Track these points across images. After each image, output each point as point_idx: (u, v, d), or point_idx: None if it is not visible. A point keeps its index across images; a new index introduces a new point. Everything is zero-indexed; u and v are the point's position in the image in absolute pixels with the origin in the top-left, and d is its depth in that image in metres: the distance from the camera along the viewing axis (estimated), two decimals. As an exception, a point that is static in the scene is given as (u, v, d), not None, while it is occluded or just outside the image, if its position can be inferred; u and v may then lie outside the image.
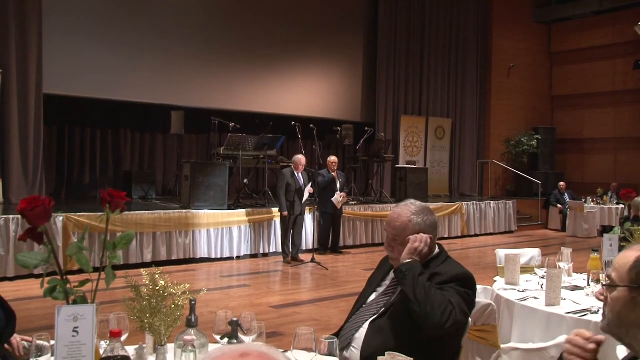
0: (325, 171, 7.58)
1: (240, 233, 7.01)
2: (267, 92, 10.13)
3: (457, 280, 1.66)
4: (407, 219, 1.73)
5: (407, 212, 1.74)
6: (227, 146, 7.64)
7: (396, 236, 1.73)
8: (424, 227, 1.73)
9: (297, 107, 10.38)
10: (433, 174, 11.81)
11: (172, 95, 9.06)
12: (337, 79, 11.24)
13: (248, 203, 7.72)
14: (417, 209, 1.76)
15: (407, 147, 11.82)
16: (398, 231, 1.71)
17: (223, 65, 9.65)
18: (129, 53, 8.64)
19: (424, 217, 1.74)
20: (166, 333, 1.46)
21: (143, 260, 6.14)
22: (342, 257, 7.45)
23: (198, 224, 6.61)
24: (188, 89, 9.24)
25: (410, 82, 11.94)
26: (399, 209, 1.77)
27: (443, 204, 9.55)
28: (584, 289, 2.59)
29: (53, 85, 7.70)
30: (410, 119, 11.91)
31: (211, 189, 6.91)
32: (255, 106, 9.94)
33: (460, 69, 12.61)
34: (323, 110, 10.86)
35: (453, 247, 8.73)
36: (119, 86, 8.54)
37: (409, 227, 1.71)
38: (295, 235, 6.94)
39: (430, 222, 1.75)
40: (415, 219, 1.73)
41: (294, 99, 10.47)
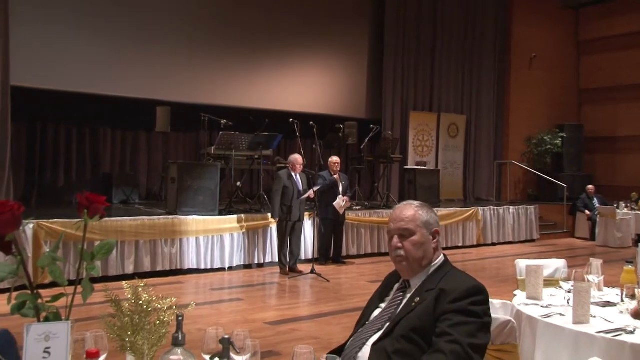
0: (326, 173, 7.59)
1: (233, 241, 7.01)
2: (263, 86, 10.16)
3: (470, 295, 1.67)
4: (414, 211, 1.82)
5: (412, 207, 1.84)
6: (218, 145, 7.65)
7: (405, 230, 1.79)
8: (431, 220, 1.83)
9: (296, 103, 10.40)
10: (445, 176, 11.82)
11: (157, 89, 9.07)
12: (340, 71, 11.27)
13: (241, 208, 7.73)
14: (419, 204, 1.86)
15: (417, 147, 11.83)
16: (406, 222, 1.79)
17: (214, 57, 9.67)
18: (109, 42, 8.66)
19: (428, 211, 1.84)
20: (150, 353, 1.45)
21: (124, 271, 6.14)
22: (345, 268, 7.45)
23: (186, 231, 6.62)
24: (175, 82, 9.26)
25: (420, 74, 11.96)
26: (401, 206, 1.87)
27: (457, 210, 9.55)
28: (617, 306, 2.56)
29: (22, 77, 7.69)
30: (420, 115, 11.92)
31: (200, 193, 6.92)
32: (250, 102, 9.96)
33: (476, 60, 12.62)
34: (324, 106, 10.88)
35: (468, 258, 8.71)
36: (97, 79, 8.56)
37: (417, 218, 1.81)
38: (293, 244, 6.94)
39: (435, 217, 1.85)
40: (421, 211, 1.83)
41: (292, 93, 10.49)
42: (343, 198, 7.41)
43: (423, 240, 1.78)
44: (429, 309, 1.68)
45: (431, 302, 1.69)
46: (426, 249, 1.78)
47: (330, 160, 7.64)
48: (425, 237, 1.79)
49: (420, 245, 1.77)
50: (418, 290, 1.78)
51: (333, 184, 7.44)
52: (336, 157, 7.76)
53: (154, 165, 9.60)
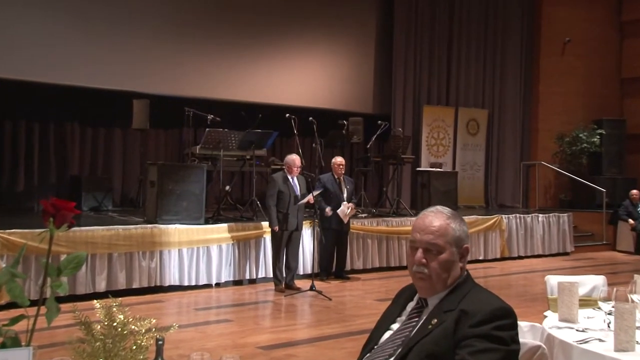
0: (328, 176, 7.61)
1: (221, 254, 7.02)
2: (256, 76, 10.19)
3: (495, 318, 1.66)
4: (445, 223, 1.79)
5: (442, 216, 1.81)
6: (204, 144, 7.67)
7: (432, 245, 1.77)
8: (463, 235, 1.81)
9: (293, 96, 10.43)
10: (464, 179, 11.83)
11: (134, 80, 9.10)
12: (343, 60, 11.30)
13: (231, 216, 7.74)
14: (451, 213, 1.83)
15: (431, 146, 11.85)
16: (436, 237, 1.76)
17: (200, 43, 9.70)
18: (76, 24, 8.68)
19: (460, 223, 1.82)
20: (125, 383, 1.45)
21: (95, 289, 6.14)
22: (350, 285, 7.45)
23: (167, 242, 6.62)
24: (155, 71, 9.29)
25: (435, 63, 12.00)
26: (430, 213, 1.82)
27: (477, 218, 9.57)
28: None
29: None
30: (435, 110, 11.94)
31: (184, 199, 6.94)
32: (240, 94, 9.99)
33: (500, 46, 12.66)
34: (325, 99, 10.91)
35: (491, 273, 8.70)
36: (63, 67, 8.57)
37: (448, 233, 1.78)
38: (290, 257, 6.95)
39: (466, 231, 1.83)
40: (453, 224, 1.79)
41: (288, 85, 10.53)
42: (347, 204, 7.41)
43: (452, 260, 1.77)
44: (448, 333, 1.67)
45: (450, 325, 1.68)
46: (453, 269, 1.78)
47: (333, 161, 7.65)
48: (454, 256, 1.78)
49: (448, 264, 1.77)
50: (436, 311, 1.77)
51: (336, 188, 7.45)
52: (340, 157, 7.78)
53: (130, 166, 9.62)
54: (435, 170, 10.03)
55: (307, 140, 10.18)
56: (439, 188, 9.56)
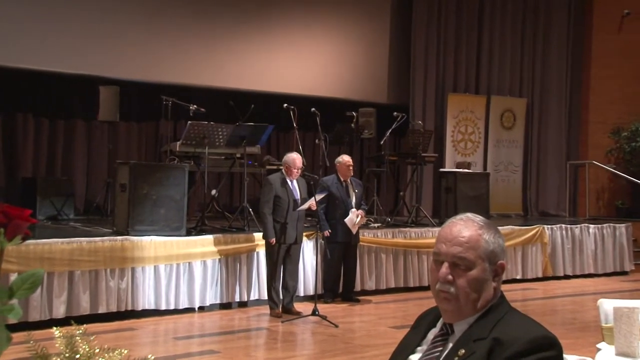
0: (332, 178, 7.59)
1: (206, 271, 7.01)
2: (247, 59, 10.19)
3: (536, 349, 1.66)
4: (477, 234, 1.77)
5: (473, 225, 1.80)
6: (185, 140, 7.67)
7: (461, 258, 1.76)
8: (497, 249, 1.79)
9: (292, 83, 10.44)
10: (498, 182, 11.79)
11: (100, 63, 9.10)
12: (353, 40, 11.31)
13: (217, 226, 7.73)
14: (483, 222, 1.81)
15: (458, 142, 11.83)
16: (465, 249, 1.76)
17: (180, 18, 9.71)
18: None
19: (494, 234, 1.79)
20: None
21: (52, 315, 6.10)
22: (360, 309, 7.42)
23: (140, 258, 6.60)
24: (126, 53, 9.29)
25: (462, 43, 12.01)
26: (459, 221, 1.81)
27: (514, 229, 9.53)
28: None
29: None
30: (462, 98, 11.92)
31: (161, 205, 6.93)
32: (229, 80, 9.99)
33: (542, 22, 12.63)
34: (331, 86, 10.91)
35: (530, 296, 8.66)
36: (14, 47, 8.55)
37: (480, 245, 1.76)
38: (288, 275, 6.94)
39: (502, 244, 1.82)
40: (486, 235, 1.78)
41: (287, 70, 10.53)
42: (356, 212, 7.39)
43: (483, 278, 1.76)
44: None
45: (481, 356, 1.67)
46: (485, 289, 1.76)
47: (340, 160, 7.62)
48: (487, 274, 1.77)
49: (479, 283, 1.75)
50: (463, 339, 1.76)
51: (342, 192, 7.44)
52: (347, 156, 7.76)
53: (95, 166, 9.62)
54: (462, 172, 10.00)
55: (309, 136, 10.17)
56: (467, 193, 9.53)
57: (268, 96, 9.83)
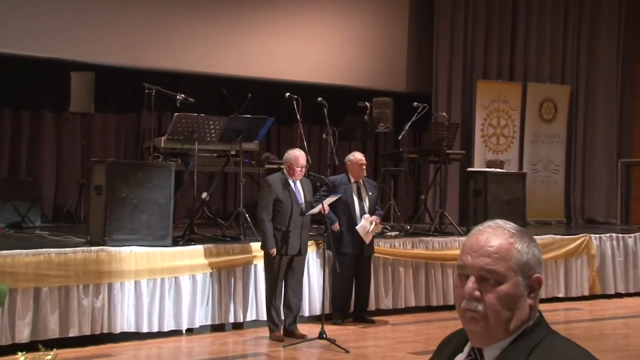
0: (339, 178, 7.57)
1: (195, 288, 6.98)
2: (243, 41, 10.18)
3: None
4: (508, 242, 1.76)
5: (504, 233, 1.78)
6: (172, 134, 7.64)
7: (489, 271, 1.74)
8: (532, 260, 1.76)
9: (296, 68, 10.42)
10: (536, 183, 11.72)
11: (72, 45, 9.08)
12: (367, 20, 11.29)
13: (209, 234, 7.72)
14: (516, 230, 1.79)
15: (489, 137, 11.78)
16: (494, 260, 1.74)
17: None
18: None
19: (529, 243, 1.78)
20: None
21: (15, 339, 6.06)
22: (374, 331, 7.40)
23: (119, 272, 6.56)
24: (102, 33, 9.27)
25: (494, 23, 11.97)
26: (487, 229, 1.80)
27: (554, 238, 9.47)
28: None
29: None
30: (494, 86, 11.86)
31: (143, 210, 6.91)
32: (222, 66, 9.97)
33: (588, 3, 12.55)
34: (340, 73, 10.88)
35: (575, 317, 8.61)
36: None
37: (512, 256, 1.74)
38: (290, 292, 6.91)
39: (538, 255, 1.79)
40: (519, 244, 1.76)
41: (289, 54, 10.51)
42: (370, 218, 7.36)
43: (516, 294, 1.73)
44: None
45: (516, 387, 1.66)
46: (518, 307, 1.73)
47: (350, 159, 7.59)
48: (520, 289, 1.74)
49: (511, 300, 1.73)
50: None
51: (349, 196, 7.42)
52: (360, 153, 7.72)
53: (66, 165, 9.61)
54: (494, 172, 9.92)
55: (315, 130, 10.16)
56: (499, 196, 9.47)
57: (268, 84, 9.81)
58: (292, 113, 7.57)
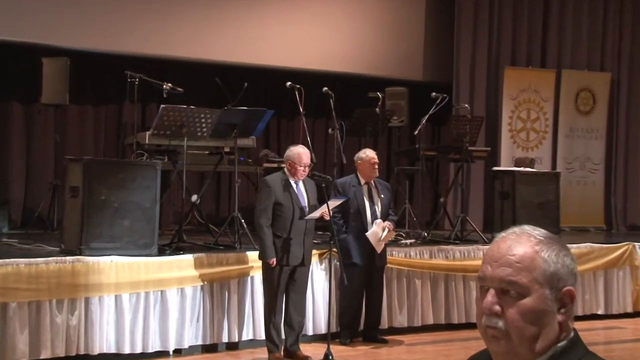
0: (349, 180, 7.61)
1: (184, 303, 7.00)
2: (239, 24, 10.19)
3: None
4: (532, 250, 1.76)
5: (529, 240, 1.79)
6: (157, 129, 7.64)
7: (510, 283, 1.74)
8: (562, 271, 1.76)
9: (298, 55, 10.45)
10: (572, 184, 11.74)
11: (44, 27, 9.08)
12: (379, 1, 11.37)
13: (200, 242, 7.78)
14: (544, 236, 1.79)
15: (517, 131, 11.77)
16: (516, 270, 1.75)
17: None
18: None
19: (559, 251, 1.78)
20: None
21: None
22: (387, 352, 7.47)
23: (97, 285, 6.58)
24: (77, 14, 9.27)
25: (523, 2, 11.98)
26: (510, 236, 1.80)
27: (592, 247, 9.47)
28: None
29: None
30: (524, 74, 11.86)
31: (125, 215, 6.94)
32: (216, 51, 10.01)
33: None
34: (349, 60, 10.91)
35: (616, 337, 8.63)
36: None
37: (537, 265, 1.75)
38: (292, 307, 6.94)
39: (570, 264, 1.78)
40: (546, 251, 1.76)
41: (291, 38, 10.54)
42: (382, 224, 7.35)
43: (541, 308, 1.73)
44: None
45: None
46: (545, 324, 1.73)
47: (361, 157, 7.59)
48: (547, 303, 1.73)
49: (536, 315, 1.72)
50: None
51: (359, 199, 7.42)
52: (371, 151, 7.73)
53: (38, 164, 9.64)
54: (523, 171, 9.88)
55: (320, 124, 10.16)
56: (529, 199, 9.45)
57: (267, 72, 9.86)
58: (294, 105, 7.56)
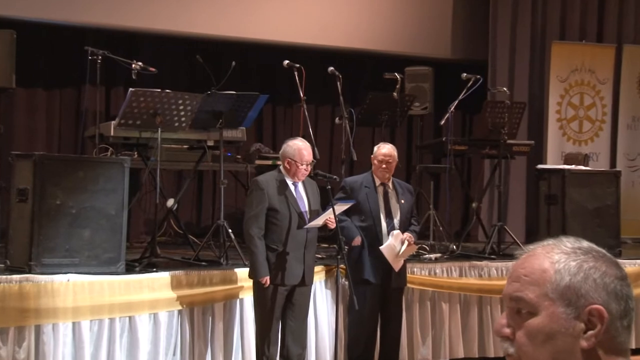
0: (361, 179, 7.64)
1: (157, 332, 7.03)
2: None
3: None
4: (548, 262, 1.81)
5: (552, 251, 1.84)
6: (125, 118, 7.65)
7: (517, 299, 1.81)
8: (585, 283, 1.78)
9: (298, 28, 10.52)
10: (634, 186, 11.79)
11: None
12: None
13: (177, 257, 7.82)
14: (577, 248, 1.82)
15: (568, 121, 11.82)
16: (523, 285, 1.81)
17: None
18: None
19: (588, 263, 1.80)
20: None
21: None
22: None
23: (51, 309, 6.58)
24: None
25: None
26: (537, 250, 1.86)
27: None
28: None
29: None
30: (575, 49, 11.90)
31: (85, 224, 6.96)
32: (197, 23, 10.05)
33: None
34: (359, 33, 10.96)
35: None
36: None
37: (547, 278, 1.79)
38: (290, 336, 6.97)
39: (602, 278, 1.78)
40: (565, 262, 1.80)
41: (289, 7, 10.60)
42: (401, 236, 7.38)
43: (553, 329, 1.76)
44: None
45: None
46: (561, 349, 1.75)
47: (376, 153, 7.59)
48: (560, 323, 1.76)
49: (545, 338, 1.76)
50: None
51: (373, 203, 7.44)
52: (387, 145, 7.71)
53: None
54: (575, 170, 9.89)
55: (324, 111, 10.17)
56: (582, 204, 9.45)
57: (259, 48, 9.86)
58: (292, 89, 7.56)
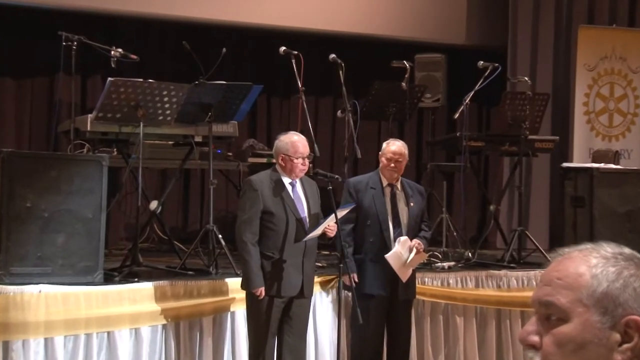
0: (369, 179, 7.65)
1: (139, 348, 7.06)
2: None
3: None
4: (585, 267, 1.84)
5: (590, 256, 1.86)
6: (103, 111, 7.69)
7: (546, 304, 1.83)
8: (623, 290, 1.80)
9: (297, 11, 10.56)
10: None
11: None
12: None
13: (161, 266, 7.89)
14: (617, 254, 1.84)
15: (597, 114, 11.82)
16: (554, 289, 1.83)
17: None
18: None
19: (629, 269, 1.82)
20: None
21: None
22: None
23: (20, 325, 6.60)
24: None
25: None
26: (573, 254, 1.89)
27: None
28: None
29: None
30: (604, 35, 11.91)
31: (59, 229, 6.98)
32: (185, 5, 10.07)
33: None
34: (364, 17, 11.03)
35: None
36: None
37: (582, 283, 1.81)
38: (287, 353, 7.00)
39: None
40: (603, 267, 1.82)
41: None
42: (409, 243, 7.39)
43: (586, 338, 1.77)
44: None
45: None
46: None
47: (384, 150, 7.60)
48: (594, 332, 1.78)
49: (576, 347, 1.77)
50: None
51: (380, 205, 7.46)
52: (397, 142, 7.73)
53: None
54: (604, 169, 9.93)
55: (325, 103, 10.19)
56: (612, 207, 9.51)
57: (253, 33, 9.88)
58: (290, 78, 7.56)
